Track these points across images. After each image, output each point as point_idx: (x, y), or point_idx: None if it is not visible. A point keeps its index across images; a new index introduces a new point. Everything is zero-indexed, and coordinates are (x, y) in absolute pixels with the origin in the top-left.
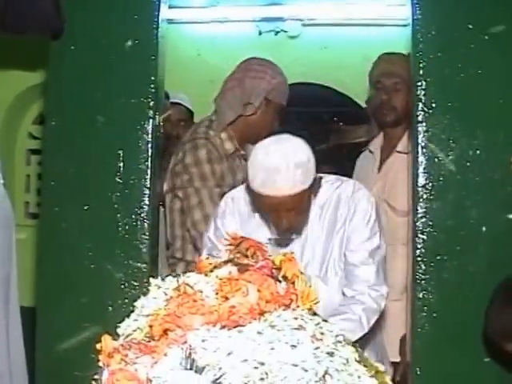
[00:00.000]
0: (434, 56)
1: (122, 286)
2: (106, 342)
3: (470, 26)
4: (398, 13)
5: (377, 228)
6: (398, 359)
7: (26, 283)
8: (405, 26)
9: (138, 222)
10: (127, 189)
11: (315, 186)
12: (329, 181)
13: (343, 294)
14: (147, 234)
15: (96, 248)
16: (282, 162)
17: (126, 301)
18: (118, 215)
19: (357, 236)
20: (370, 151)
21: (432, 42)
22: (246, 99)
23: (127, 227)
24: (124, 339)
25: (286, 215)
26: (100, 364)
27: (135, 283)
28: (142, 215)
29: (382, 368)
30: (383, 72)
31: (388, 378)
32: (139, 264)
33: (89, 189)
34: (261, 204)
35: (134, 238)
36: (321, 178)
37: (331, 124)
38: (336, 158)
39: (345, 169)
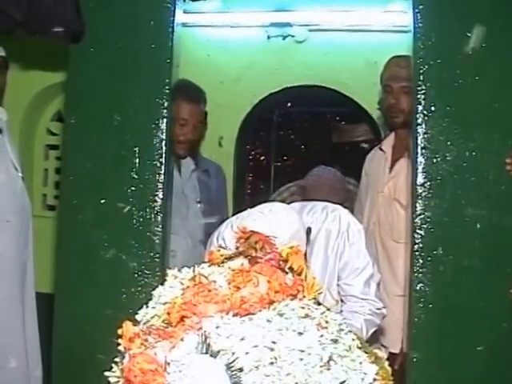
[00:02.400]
0: (434, 62)
1: (136, 275)
2: (127, 328)
3: (468, 34)
4: (400, 20)
5: (368, 258)
6: (397, 350)
7: (44, 271)
8: (406, 32)
9: (152, 215)
10: (142, 183)
11: None
12: (315, 212)
13: (341, 310)
14: (160, 226)
15: (111, 239)
16: None
17: (139, 289)
18: (133, 208)
19: (350, 270)
20: (382, 150)
21: (432, 49)
22: None
23: (141, 220)
24: (143, 325)
25: None
26: (119, 348)
27: (148, 272)
28: (156, 208)
29: (381, 354)
30: (392, 76)
31: (386, 364)
32: (152, 254)
33: (105, 183)
34: None
35: (148, 229)
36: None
37: (333, 123)
38: (339, 155)
39: (347, 165)
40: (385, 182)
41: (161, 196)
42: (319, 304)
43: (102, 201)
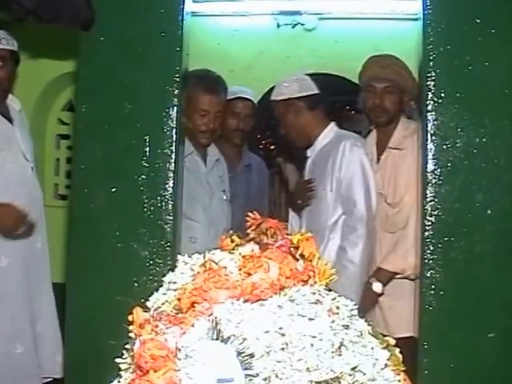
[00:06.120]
0: (444, 48)
1: (147, 264)
2: (138, 314)
3: (478, 21)
4: (410, 7)
5: None
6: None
7: (56, 261)
8: (416, 19)
9: (163, 203)
10: (152, 172)
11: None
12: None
13: None
14: (171, 214)
15: (123, 227)
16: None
17: (151, 277)
18: (144, 197)
19: None
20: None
21: (442, 36)
22: None
23: (152, 208)
24: (154, 311)
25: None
26: (130, 335)
27: (159, 261)
28: (166, 197)
29: (392, 342)
30: (374, 76)
31: (397, 351)
32: (163, 243)
33: (116, 172)
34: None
35: (159, 218)
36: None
37: (343, 112)
38: None
39: None
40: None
41: (171, 184)
42: (330, 290)
43: (113, 189)
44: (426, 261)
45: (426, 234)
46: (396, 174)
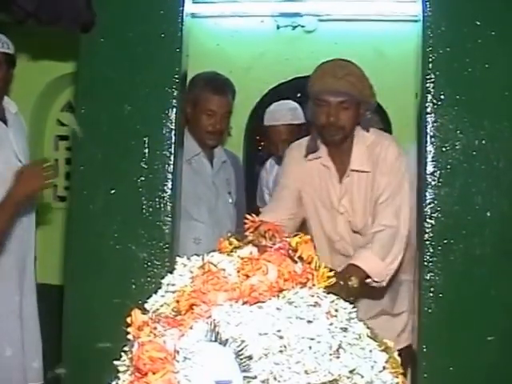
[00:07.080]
0: (443, 51)
1: (145, 265)
2: (136, 316)
3: (478, 23)
4: (409, 9)
5: None
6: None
7: (54, 262)
8: (415, 21)
9: (161, 205)
10: (151, 174)
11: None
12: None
13: None
14: (169, 216)
15: (121, 229)
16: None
17: (149, 279)
18: (143, 198)
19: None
20: (325, 165)
21: (441, 38)
22: None
23: (151, 210)
24: (152, 313)
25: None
26: (128, 337)
27: (157, 262)
28: (165, 198)
29: (390, 344)
30: (327, 89)
31: (396, 354)
32: (161, 244)
33: (115, 173)
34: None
35: (157, 219)
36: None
37: None
38: None
39: None
40: (336, 197)
41: (170, 186)
42: (329, 293)
43: (112, 191)
44: (425, 263)
45: (426, 236)
46: (365, 199)
